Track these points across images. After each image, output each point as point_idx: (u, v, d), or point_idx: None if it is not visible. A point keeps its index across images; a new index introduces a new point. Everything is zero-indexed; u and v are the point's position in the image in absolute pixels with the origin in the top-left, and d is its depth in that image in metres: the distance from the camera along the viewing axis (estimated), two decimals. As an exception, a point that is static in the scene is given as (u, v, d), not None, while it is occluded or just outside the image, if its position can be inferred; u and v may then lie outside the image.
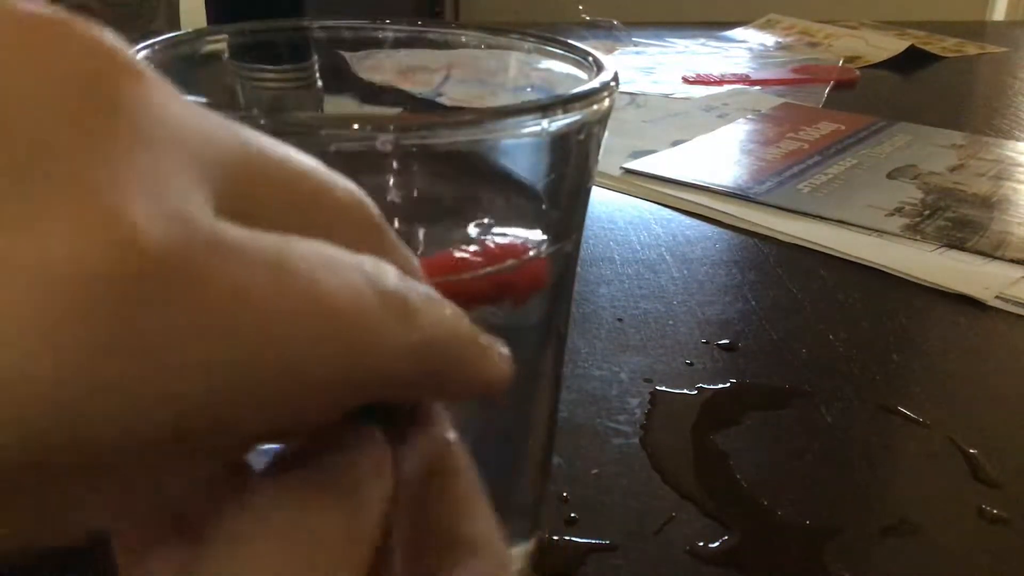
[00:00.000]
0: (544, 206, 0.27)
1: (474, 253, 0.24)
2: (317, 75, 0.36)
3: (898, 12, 1.62)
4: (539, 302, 0.28)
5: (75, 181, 0.11)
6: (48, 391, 0.10)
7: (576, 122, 0.24)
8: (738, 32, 1.34)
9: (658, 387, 0.45)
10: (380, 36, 0.32)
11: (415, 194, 0.26)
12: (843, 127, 0.85)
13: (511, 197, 0.27)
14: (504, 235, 0.26)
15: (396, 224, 0.25)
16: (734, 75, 1.06)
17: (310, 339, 0.13)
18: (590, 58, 0.28)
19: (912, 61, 1.17)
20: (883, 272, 0.58)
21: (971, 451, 0.41)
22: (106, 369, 0.11)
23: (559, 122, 0.24)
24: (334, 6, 0.37)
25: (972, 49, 1.26)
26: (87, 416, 0.11)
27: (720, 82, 1.03)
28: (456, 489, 0.18)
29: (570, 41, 0.30)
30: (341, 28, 0.32)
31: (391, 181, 0.25)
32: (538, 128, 0.23)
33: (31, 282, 0.10)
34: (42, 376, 0.10)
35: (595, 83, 0.25)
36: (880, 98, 1.01)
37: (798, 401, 0.45)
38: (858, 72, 1.10)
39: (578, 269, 0.31)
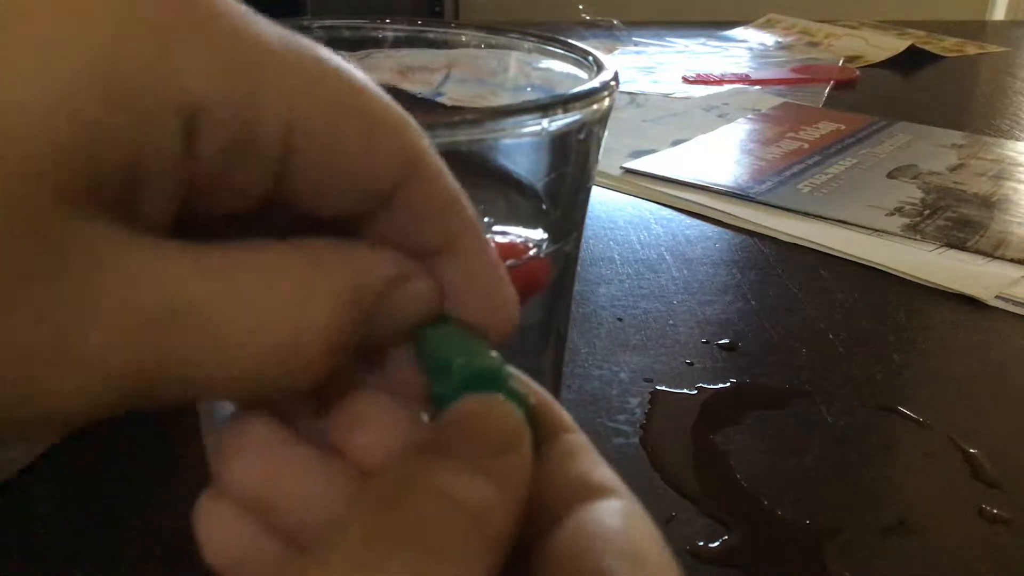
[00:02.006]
0: (544, 206, 0.27)
1: (474, 253, 0.24)
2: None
3: (898, 12, 1.62)
4: (539, 302, 0.28)
5: None
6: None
7: (576, 122, 0.24)
8: (738, 32, 1.34)
9: (658, 387, 0.45)
10: (380, 36, 0.32)
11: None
12: (843, 127, 0.85)
13: (511, 197, 0.27)
14: (504, 235, 0.26)
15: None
16: (734, 75, 1.06)
17: None
18: (590, 58, 0.28)
19: (912, 61, 1.17)
20: (883, 272, 0.58)
21: (971, 451, 0.41)
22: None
23: (559, 122, 0.24)
24: (334, 6, 0.37)
25: (972, 49, 1.26)
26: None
27: (720, 82, 1.03)
28: (578, 446, 0.18)
29: (570, 41, 0.30)
30: (341, 28, 0.32)
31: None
32: (538, 128, 0.23)
33: None
34: None
35: (595, 83, 0.25)
36: (880, 98, 1.01)
37: (798, 401, 0.45)
38: (858, 72, 1.10)
39: (578, 269, 0.31)
